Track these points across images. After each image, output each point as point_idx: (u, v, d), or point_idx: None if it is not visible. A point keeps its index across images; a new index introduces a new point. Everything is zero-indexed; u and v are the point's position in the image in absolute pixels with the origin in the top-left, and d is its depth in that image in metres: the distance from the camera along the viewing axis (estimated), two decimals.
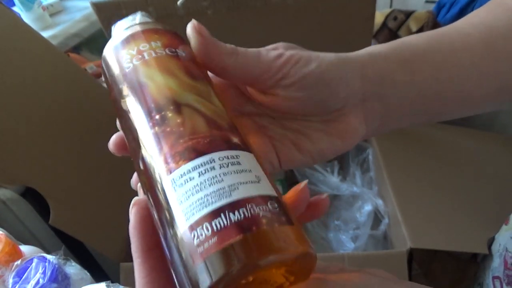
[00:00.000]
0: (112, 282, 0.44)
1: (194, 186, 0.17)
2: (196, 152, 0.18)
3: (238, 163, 0.18)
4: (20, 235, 0.64)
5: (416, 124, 0.29)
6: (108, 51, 0.23)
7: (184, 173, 0.17)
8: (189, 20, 0.23)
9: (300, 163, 0.26)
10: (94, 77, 0.93)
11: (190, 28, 0.23)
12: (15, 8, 0.96)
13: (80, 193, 0.57)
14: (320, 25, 0.63)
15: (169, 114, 0.19)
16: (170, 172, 0.18)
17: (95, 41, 1.04)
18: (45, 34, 0.92)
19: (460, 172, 0.69)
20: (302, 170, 0.76)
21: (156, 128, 0.19)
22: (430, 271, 0.79)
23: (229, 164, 0.17)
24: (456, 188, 0.65)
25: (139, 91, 0.20)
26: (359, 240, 0.67)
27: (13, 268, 0.43)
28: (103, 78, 0.24)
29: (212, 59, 0.23)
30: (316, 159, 0.26)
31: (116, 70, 0.22)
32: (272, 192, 0.18)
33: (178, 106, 0.19)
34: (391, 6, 1.05)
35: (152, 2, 0.59)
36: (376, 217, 0.68)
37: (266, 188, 0.18)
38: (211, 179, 0.17)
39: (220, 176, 0.17)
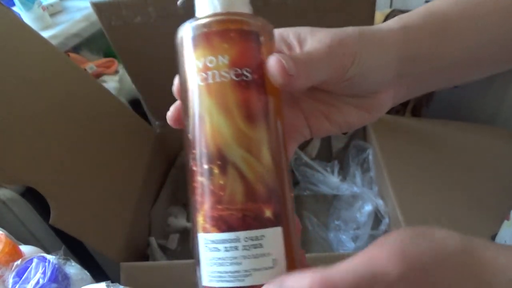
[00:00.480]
0: (112, 282, 0.44)
1: (218, 258, 0.20)
2: (227, 225, 0.21)
3: (260, 246, 0.20)
4: (20, 235, 0.64)
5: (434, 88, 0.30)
6: (180, 38, 0.23)
7: (214, 241, 0.21)
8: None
9: (329, 132, 0.28)
10: (94, 77, 0.93)
11: (276, 69, 0.21)
12: (15, 8, 0.96)
13: (80, 193, 0.57)
14: (320, 25, 0.63)
15: (215, 171, 0.21)
16: (205, 231, 0.21)
17: (95, 41, 1.04)
18: (45, 34, 0.92)
19: (461, 171, 0.69)
20: (302, 170, 0.76)
21: (204, 178, 0.21)
22: None
23: (251, 247, 0.20)
24: (457, 187, 0.65)
25: (198, 122, 0.22)
26: (359, 240, 0.67)
27: (13, 268, 0.43)
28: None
29: (295, 88, 0.23)
30: (343, 128, 0.27)
31: (183, 71, 0.23)
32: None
33: (225, 163, 0.21)
34: (391, 6, 1.05)
35: (152, 2, 0.59)
36: (377, 217, 0.68)
37: (277, 274, 0.20)
38: (232, 258, 0.20)
39: (240, 258, 0.20)
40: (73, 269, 0.45)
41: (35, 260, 0.43)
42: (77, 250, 0.66)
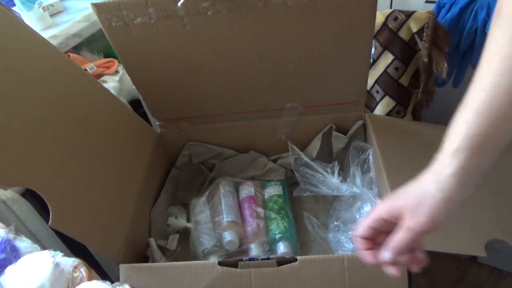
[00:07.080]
0: (112, 282, 0.44)
1: None
2: None
3: None
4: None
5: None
6: None
7: None
8: (189, 21, 0.23)
9: None
10: (94, 77, 0.93)
11: None
12: (15, 8, 0.96)
13: (79, 194, 0.57)
14: (321, 25, 0.63)
15: None
16: None
17: (95, 41, 1.04)
18: (45, 34, 0.92)
19: None
20: (302, 171, 0.76)
21: None
22: (430, 271, 0.79)
23: None
24: None
25: None
26: None
27: None
28: None
29: None
30: None
31: None
32: None
33: None
34: (391, 7, 1.05)
35: (152, 3, 0.59)
36: None
37: None
38: None
39: None
40: (24, 243, 0.47)
41: None
42: (78, 250, 0.66)
